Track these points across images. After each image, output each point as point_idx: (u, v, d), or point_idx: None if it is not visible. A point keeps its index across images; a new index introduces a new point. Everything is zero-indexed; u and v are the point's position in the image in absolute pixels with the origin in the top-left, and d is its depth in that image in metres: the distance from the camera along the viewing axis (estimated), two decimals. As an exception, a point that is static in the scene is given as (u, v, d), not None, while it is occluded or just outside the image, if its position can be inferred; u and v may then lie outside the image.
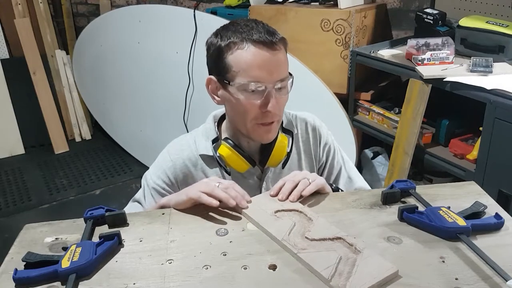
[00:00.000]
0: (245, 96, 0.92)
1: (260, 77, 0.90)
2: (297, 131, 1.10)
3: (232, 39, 0.91)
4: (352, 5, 2.01)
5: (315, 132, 1.12)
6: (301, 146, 1.11)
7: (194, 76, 2.44)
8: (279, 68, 0.91)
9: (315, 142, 1.12)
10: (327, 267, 0.67)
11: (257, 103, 0.92)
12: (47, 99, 3.29)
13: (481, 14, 1.92)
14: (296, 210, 0.84)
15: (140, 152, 3.10)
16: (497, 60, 1.63)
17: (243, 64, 0.90)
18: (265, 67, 0.89)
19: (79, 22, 3.60)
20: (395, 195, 0.86)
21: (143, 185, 1.05)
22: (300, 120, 1.11)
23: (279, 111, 0.96)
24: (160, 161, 1.05)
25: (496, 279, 0.64)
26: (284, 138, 1.02)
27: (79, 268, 0.67)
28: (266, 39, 0.89)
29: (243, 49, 0.89)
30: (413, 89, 1.68)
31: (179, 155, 1.03)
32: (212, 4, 2.90)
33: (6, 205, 2.69)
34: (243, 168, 1.00)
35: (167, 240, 0.77)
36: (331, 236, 0.75)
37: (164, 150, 1.06)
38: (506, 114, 1.40)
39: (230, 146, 0.98)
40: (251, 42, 0.89)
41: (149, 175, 1.04)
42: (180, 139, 1.07)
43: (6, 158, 3.23)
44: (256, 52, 0.89)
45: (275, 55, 0.90)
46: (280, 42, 0.92)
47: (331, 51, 2.01)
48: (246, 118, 0.95)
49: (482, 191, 0.91)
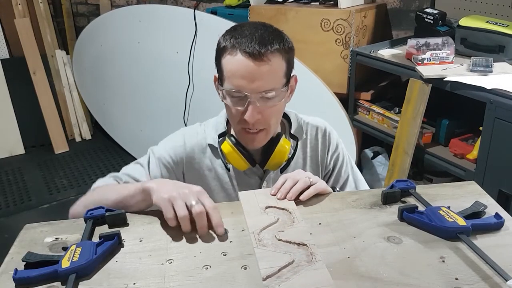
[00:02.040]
0: (231, 101, 0.94)
1: (241, 86, 0.91)
2: (306, 136, 1.10)
3: (227, 43, 0.92)
4: (352, 5, 2.01)
5: (324, 139, 1.12)
6: (308, 152, 1.11)
7: (194, 76, 2.44)
8: (262, 79, 0.90)
9: (324, 149, 1.12)
10: (270, 267, 0.67)
11: (240, 109, 0.94)
12: (47, 99, 3.29)
13: (481, 14, 1.92)
14: (287, 210, 0.84)
15: (140, 152, 3.07)
16: (497, 60, 1.63)
17: (229, 72, 0.92)
18: (248, 77, 0.90)
19: (79, 22, 3.60)
20: (395, 195, 0.86)
21: (148, 154, 1.08)
22: (311, 126, 1.12)
23: (264, 121, 0.95)
24: (172, 139, 1.08)
25: (496, 279, 0.64)
26: (286, 142, 1.02)
27: (79, 268, 0.67)
28: (254, 49, 0.88)
29: (232, 56, 0.91)
30: (413, 89, 1.68)
31: (191, 139, 1.06)
32: (212, 4, 2.90)
33: (6, 205, 2.69)
34: (242, 166, 1.01)
35: (167, 240, 0.77)
36: (298, 241, 0.74)
37: (178, 131, 1.10)
38: (506, 114, 1.40)
39: (231, 143, 1.00)
40: (240, 51, 0.90)
41: (158, 147, 1.08)
42: (195, 126, 1.11)
43: (6, 158, 3.24)
44: (242, 61, 0.89)
45: (260, 66, 0.89)
46: (273, 54, 0.90)
47: (331, 51, 2.01)
48: (233, 121, 0.99)
49: (482, 191, 0.91)
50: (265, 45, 0.89)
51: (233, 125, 1.01)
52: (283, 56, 0.93)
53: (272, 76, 0.92)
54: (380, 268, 0.68)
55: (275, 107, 0.95)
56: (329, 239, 0.76)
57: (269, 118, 0.96)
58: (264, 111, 0.94)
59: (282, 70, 0.94)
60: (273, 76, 0.92)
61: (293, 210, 0.83)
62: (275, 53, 0.91)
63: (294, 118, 1.11)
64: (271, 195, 0.89)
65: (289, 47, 0.95)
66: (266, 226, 0.78)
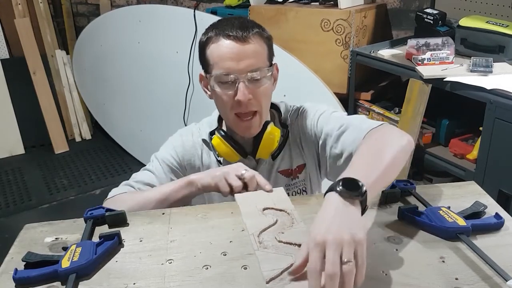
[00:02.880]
0: (220, 87, 0.97)
1: (230, 68, 0.94)
2: (291, 122, 1.11)
3: (209, 34, 0.98)
4: (352, 5, 2.01)
5: (301, 117, 1.10)
6: (291, 137, 1.10)
7: (194, 76, 2.44)
8: (248, 58, 0.94)
9: (304, 128, 1.09)
10: (272, 270, 0.66)
11: (231, 93, 0.96)
12: (47, 99, 3.29)
13: (481, 14, 1.92)
14: (285, 211, 0.84)
15: (140, 152, 3.11)
16: (497, 60, 1.63)
17: (216, 57, 0.96)
18: (234, 58, 0.94)
19: (79, 22, 3.60)
20: (395, 195, 0.86)
21: (152, 160, 1.10)
22: (294, 111, 1.13)
23: (256, 102, 0.98)
24: (170, 141, 1.12)
25: (496, 279, 0.64)
26: (274, 130, 1.03)
27: (79, 268, 0.67)
28: (237, 33, 0.94)
29: (217, 43, 0.96)
30: (413, 89, 1.68)
31: (188, 138, 1.10)
32: (212, 4, 2.90)
33: (6, 205, 2.69)
34: (232, 158, 1.04)
35: (167, 240, 0.77)
36: (299, 242, 0.73)
37: (175, 134, 1.14)
38: (506, 114, 1.40)
39: (220, 136, 1.03)
40: (223, 36, 0.95)
41: (159, 152, 1.10)
42: (190, 126, 1.15)
43: (6, 158, 3.24)
44: (227, 44, 0.94)
45: (244, 45, 0.94)
46: (254, 36, 0.96)
47: (331, 51, 2.01)
48: (226, 110, 1.00)
49: (482, 191, 0.91)
50: (246, 28, 0.96)
51: (225, 117, 1.03)
52: (264, 40, 0.98)
53: (256, 55, 0.96)
54: (380, 268, 0.68)
55: (263, 88, 0.98)
56: (329, 239, 0.76)
57: (259, 98, 0.98)
58: (254, 91, 0.96)
59: (265, 52, 0.99)
60: (258, 56, 0.96)
61: (291, 211, 0.83)
62: (256, 36, 0.96)
63: (284, 107, 1.12)
64: (269, 195, 0.89)
65: (268, 36, 1.01)
66: (265, 228, 0.78)
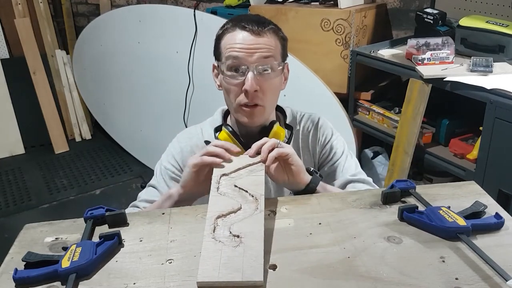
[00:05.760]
0: (229, 75, 0.98)
1: (240, 57, 0.96)
2: (299, 127, 1.13)
3: (226, 26, 1.00)
4: (352, 5, 2.01)
5: (316, 131, 1.14)
6: (300, 143, 1.13)
7: (194, 76, 2.44)
8: (260, 50, 0.96)
9: (314, 141, 1.14)
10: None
11: (239, 82, 0.97)
12: (47, 99, 3.30)
13: (481, 14, 1.92)
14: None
15: (140, 152, 3.11)
16: (497, 60, 1.63)
17: (228, 45, 0.98)
18: (246, 48, 0.95)
19: (79, 22, 3.60)
20: (395, 195, 0.86)
21: (155, 172, 1.11)
22: (305, 118, 1.14)
23: (262, 94, 0.98)
24: (170, 148, 1.12)
25: (496, 279, 0.64)
26: (280, 129, 1.04)
27: (79, 268, 0.67)
28: (253, 26, 0.96)
29: (232, 32, 0.98)
30: (413, 89, 1.68)
31: (187, 143, 1.10)
32: (212, 4, 2.90)
33: (6, 205, 2.69)
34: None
35: (167, 240, 0.77)
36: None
37: (174, 139, 1.14)
38: (506, 114, 1.40)
39: (228, 131, 1.03)
40: (239, 27, 0.97)
41: (160, 161, 1.12)
42: (190, 129, 1.15)
43: (6, 158, 3.24)
44: (241, 34, 0.96)
45: (258, 38, 0.96)
46: (269, 31, 0.97)
47: (331, 51, 2.01)
48: (231, 98, 1.00)
49: (482, 191, 0.91)
50: (263, 23, 0.98)
51: (231, 105, 1.03)
52: (278, 38, 1.00)
53: (269, 49, 0.97)
54: (380, 268, 0.68)
55: (271, 82, 0.99)
56: (329, 239, 0.76)
57: (266, 93, 0.99)
58: (262, 84, 0.97)
59: (278, 49, 0.99)
60: (270, 50, 0.97)
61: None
62: (271, 32, 0.98)
63: (290, 111, 1.14)
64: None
65: (283, 36, 1.02)
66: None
